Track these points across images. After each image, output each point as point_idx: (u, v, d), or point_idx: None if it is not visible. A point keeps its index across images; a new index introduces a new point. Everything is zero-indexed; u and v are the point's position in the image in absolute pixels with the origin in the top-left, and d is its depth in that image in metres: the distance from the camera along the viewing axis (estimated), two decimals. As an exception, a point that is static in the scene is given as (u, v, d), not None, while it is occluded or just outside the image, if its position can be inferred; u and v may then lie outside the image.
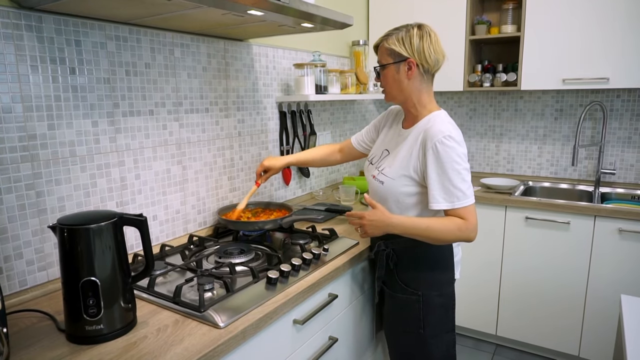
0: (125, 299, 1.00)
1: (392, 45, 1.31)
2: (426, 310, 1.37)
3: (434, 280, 1.38)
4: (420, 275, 1.38)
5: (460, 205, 1.24)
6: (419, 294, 1.37)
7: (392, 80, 1.35)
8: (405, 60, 1.30)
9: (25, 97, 1.14)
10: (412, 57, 1.30)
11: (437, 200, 1.25)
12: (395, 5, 2.66)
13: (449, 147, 1.23)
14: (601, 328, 2.15)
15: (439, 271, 1.38)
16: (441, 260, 1.38)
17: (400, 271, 1.40)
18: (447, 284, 1.40)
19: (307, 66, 1.93)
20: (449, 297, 1.40)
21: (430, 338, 1.39)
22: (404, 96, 1.36)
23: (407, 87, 1.34)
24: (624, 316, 1.13)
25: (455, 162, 1.23)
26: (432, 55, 1.30)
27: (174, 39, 1.51)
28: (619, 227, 2.03)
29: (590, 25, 2.17)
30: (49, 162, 1.20)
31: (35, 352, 0.93)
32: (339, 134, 2.56)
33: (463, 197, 1.24)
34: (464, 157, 1.26)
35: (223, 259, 1.39)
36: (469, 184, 1.26)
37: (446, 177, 1.24)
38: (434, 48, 1.30)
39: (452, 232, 1.25)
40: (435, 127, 1.27)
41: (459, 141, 1.25)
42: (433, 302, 1.37)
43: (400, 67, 1.32)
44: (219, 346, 0.95)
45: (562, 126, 2.63)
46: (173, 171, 1.57)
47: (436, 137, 1.24)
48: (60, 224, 0.94)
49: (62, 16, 1.19)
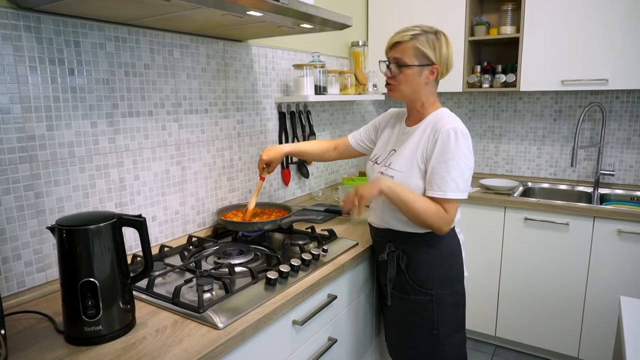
0: (124, 300, 1.00)
1: (423, 48, 1.29)
2: (439, 310, 1.37)
3: (445, 279, 1.38)
4: (432, 274, 1.38)
5: (449, 196, 1.25)
6: (432, 294, 1.37)
7: (410, 80, 1.32)
8: (431, 65, 1.31)
9: (24, 97, 1.13)
10: (439, 63, 1.31)
11: (434, 187, 1.27)
12: (395, 7, 2.66)
13: (455, 139, 1.25)
14: (600, 329, 2.14)
15: (449, 269, 1.39)
16: (451, 257, 1.39)
17: (412, 272, 1.39)
18: (458, 282, 1.41)
19: (307, 67, 1.94)
20: (460, 294, 1.42)
21: (444, 339, 1.39)
22: (416, 96, 1.36)
23: (422, 90, 1.34)
24: (623, 317, 1.13)
25: (458, 156, 1.25)
26: (451, 64, 1.35)
27: (173, 40, 1.51)
28: (618, 229, 2.03)
29: (589, 26, 2.18)
30: (47, 162, 1.20)
31: (33, 353, 0.93)
32: (339, 134, 2.56)
33: (455, 190, 1.25)
34: (468, 153, 1.27)
35: (222, 259, 1.39)
36: (464, 180, 1.26)
37: (446, 166, 1.25)
38: (452, 56, 1.34)
39: (432, 216, 1.26)
40: (445, 119, 1.30)
41: (466, 134, 1.27)
42: (445, 301, 1.38)
43: (424, 71, 1.31)
44: (217, 347, 0.95)
45: (561, 127, 2.64)
46: (172, 172, 1.56)
47: (448, 126, 1.27)
48: (59, 225, 0.94)
49: (61, 17, 1.19)
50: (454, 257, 1.40)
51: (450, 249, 1.39)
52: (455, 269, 1.41)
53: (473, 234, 2.35)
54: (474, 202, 2.33)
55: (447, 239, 1.38)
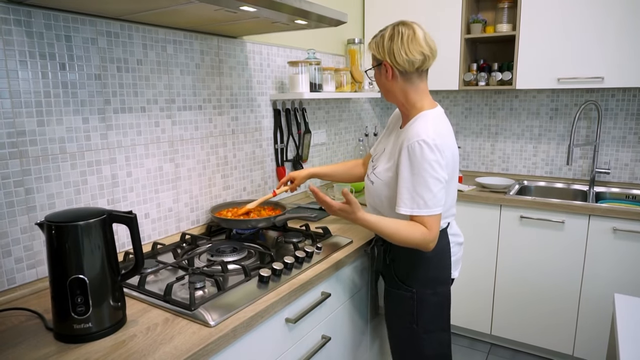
0: (114, 297, 0.99)
1: (372, 50, 1.34)
2: (420, 307, 1.38)
3: (429, 279, 1.38)
4: (415, 273, 1.37)
5: (420, 213, 1.22)
6: (413, 291, 1.37)
7: (378, 82, 1.39)
8: (381, 63, 1.32)
9: (14, 92, 1.12)
10: (385, 59, 1.30)
11: (400, 204, 1.24)
12: (391, 3, 2.65)
13: (420, 152, 1.20)
14: (595, 327, 2.15)
15: (434, 270, 1.37)
16: (437, 259, 1.37)
17: (397, 267, 1.41)
18: (442, 284, 1.39)
19: (302, 64, 1.92)
20: (443, 296, 1.40)
21: (423, 333, 1.39)
22: (393, 96, 1.37)
23: (391, 89, 1.35)
24: (617, 315, 1.13)
25: (423, 169, 1.20)
26: (403, 56, 1.26)
27: (166, 36, 1.50)
28: (613, 227, 2.03)
29: (585, 25, 2.17)
30: (38, 158, 1.18)
31: (22, 350, 0.92)
32: (334, 132, 2.56)
33: (424, 206, 1.21)
34: (435, 164, 1.20)
35: (215, 257, 1.38)
36: (434, 194, 1.21)
37: (411, 182, 1.22)
38: (407, 48, 1.26)
39: (416, 239, 1.22)
40: (414, 129, 1.25)
41: (433, 147, 1.20)
42: (427, 300, 1.38)
43: (381, 70, 1.34)
44: (209, 345, 0.94)
45: (557, 125, 2.63)
46: (165, 169, 1.55)
47: (411, 140, 1.22)
48: (48, 221, 0.93)
49: (51, 11, 1.18)
50: (440, 259, 1.37)
51: (436, 251, 1.32)
52: (441, 270, 1.38)
53: (469, 232, 2.34)
54: (470, 201, 2.33)
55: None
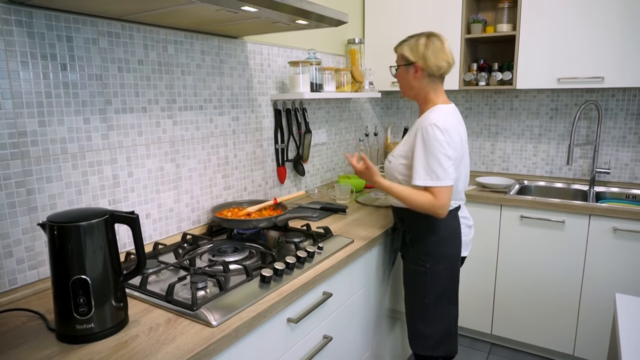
0: (116, 298, 0.99)
1: (403, 51, 1.58)
2: (432, 281, 1.59)
3: (442, 255, 1.58)
4: (429, 249, 1.58)
5: (433, 184, 1.44)
6: (426, 266, 1.59)
7: (403, 79, 1.61)
8: (413, 64, 1.55)
9: (15, 93, 1.12)
10: (417, 61, 1.54)
11: (416, 177, 1.47)
12: (391, 4, 2.65)
13: (432, 133, 1.44)
14: (596, 327, 2.15)
15: (446, 247, 1.58)
16: (450, 239, 1.59)
17: (414, 245, 1.62)
18: (453, 260, 1.61)
19: (302, 64, 1.92)
20: (453, 270, 1.62)
21: (433, 307, 1.60)
22: (414, 93, 1.61)
23: (415, 86, 1.59)
24: (618, 314, 1.13)
25: (435, 147, 1.43)
26: (434, 60, 1.52)
27: (167, 36, 1.50)
28: (613, 226, 2.03)
29: (585, 25, 2.17)
30: (39, 159, 1.18)
31: (24, 351, 0.92)
32: (335, 132, 2.56)
33: (436, 179, 1.44)
34: (445, 144, 1.44)
35: (217, 257, 1.38)
36: (444, 169, 1.44)
37: (425, 158, 1.45)
38: (437, 56, 1.52)
39: (425, 202, 1.46)
40: (430, 115, 1.50)
41: (442, 129, 1.44)
42: (438, 274, 1.58)
43: (409, 70, 1.57)
44: (211, 345, 0.94)
45: (557, 125, 2.64)
46: (166, 169, 1.55)
47: (424, 124, 1.47)
48: (49, 222, 0.93)
49: (53, 12, 1.18)
50: (453, 238, 1.60)
51: (449, 231, 1.58)
52: (452, 248, 1.60)
53: (469, 232, 2.34)
54: (470, 200, 2.33)
55: (446, 222, 1.56)
